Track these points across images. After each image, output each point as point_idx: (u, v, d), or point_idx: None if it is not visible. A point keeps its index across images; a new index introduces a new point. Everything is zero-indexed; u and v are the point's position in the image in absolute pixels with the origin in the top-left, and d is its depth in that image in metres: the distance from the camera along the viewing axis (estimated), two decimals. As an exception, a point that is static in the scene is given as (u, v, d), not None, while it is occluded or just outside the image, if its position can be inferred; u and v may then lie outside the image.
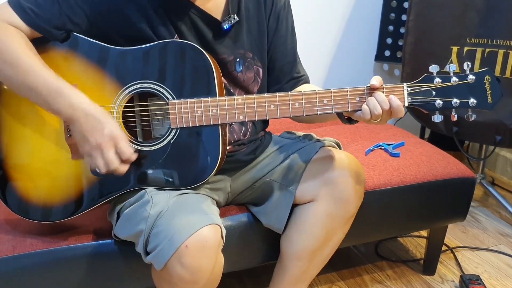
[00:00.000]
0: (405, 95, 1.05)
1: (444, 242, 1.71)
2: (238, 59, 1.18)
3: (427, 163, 1.55)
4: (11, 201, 1.13)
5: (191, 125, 1.07)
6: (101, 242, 1.19)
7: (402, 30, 2.22)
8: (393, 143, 1.66)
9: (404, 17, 2.21)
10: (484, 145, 2.13)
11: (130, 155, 1.03)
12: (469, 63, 1.05)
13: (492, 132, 1.87)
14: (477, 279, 1.61)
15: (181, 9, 1.11)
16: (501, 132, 1.85)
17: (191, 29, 1.12)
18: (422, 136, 2.39)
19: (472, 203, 1.61)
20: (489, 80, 1.04)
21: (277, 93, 1.06)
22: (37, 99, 1.02)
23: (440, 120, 1.06)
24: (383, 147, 1.63)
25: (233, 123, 1.22)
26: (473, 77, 1.04)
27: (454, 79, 1.04)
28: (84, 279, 1.18)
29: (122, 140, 1.02)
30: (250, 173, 1.28)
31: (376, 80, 1.04)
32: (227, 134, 1.16)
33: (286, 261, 1.27)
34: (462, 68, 1.06)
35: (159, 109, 1.09)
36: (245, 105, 1.06)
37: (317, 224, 1.20)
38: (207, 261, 0.99)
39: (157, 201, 1.06)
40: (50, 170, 1.12)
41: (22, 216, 1.13)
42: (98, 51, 1.08)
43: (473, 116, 1.06)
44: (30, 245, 1.15)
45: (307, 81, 1.32)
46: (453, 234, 1.95)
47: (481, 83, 1.04)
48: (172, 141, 1.09)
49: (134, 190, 1.12)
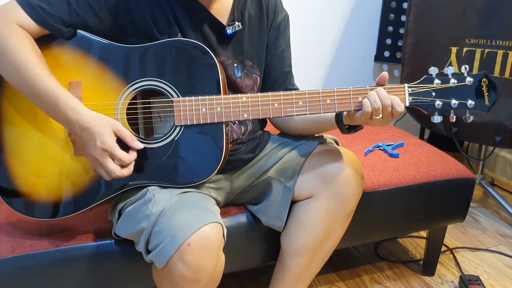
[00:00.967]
0: (406, 95, 1.07)
1: (444, 242, 1.72)
2: (236, 64, 1.19)
3: (427, 163, 1.55)
4: (12, 198, 1.12)
5: (195, 123, 1.07)
6: (100, 242, 1.19)
7: (402, 31, 2.23)
8: (393, 143, 1.66)
9: (403, 17, 2.21)
10: (484, 146, 2.13)
11: (128, 160, 1.04)
12: (467, 66, 1.08)
13: (491, 132, 1.87)
14: (476, 279, 1.61)
15: (188, 10, 1.11)
16: (501, 133, 1.85)
17: (195, 30, 1.13)
18: (421, 137, 2.39)
19: (471, 204, 1.61)
20: (486, 83, 1.07)
21: (281, 92, 1.07)
22: (40, 106, 1.05)
23: (440, 120, 1.08)
24: (382, 148, 1.64)
25: (234, 123, 1.22)
26: (471, 79, 1.06)
27: (453, 80, 1.07)
28: (84, 280, 1.18)
29: (115, 150, 1.02)
30: (249, 172, 1.29)
31: (383, 76, 1.06)
32: (229, 133, 1.16)
33: (286, 259, 1.27)
34: (460, 71, 1.08)
35: (162, 106, 1.09)
36: (249, 103, 1.07)
37: (317, 220, 1.20)
38: (209, 259, 1.00)
39: (159, 199, 1.06)
40: (54, 167, 1.12)
41: (23, 214, 1.13)
42: (104, 49, 1.09)
43: (471, 117, 1.08)
44: (29, 246, 1.15)
45: None
46: (453, 234, 1.96)
47: (479, 85, 1.07)
48: (176, 138, 1.09)
49: (136, 188, 1.12)
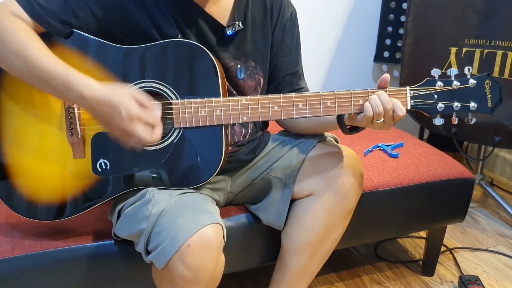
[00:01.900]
0: (408, 98, 1.06)
1: (443, 243, 1.72)
2: (239, 65, 1.18)
3: (426, 164, 1.55)
4: (11, 200, 1.12)
5: (194, 125, 1.07)
6: (100, 243, 1.18)
7: (401, 31, 2.23)
8: (392, 144, 1.66)
9: (403, 18, 2.21)
10: (483, 146, 2.14)
11: (156, 120, 1.00)
12: (470, 68, 1.06)
13: (491, 133, 1.87)
14: (476, 279, 1.61)
15: (187, 11, 1.11)
16: (500, 133, 1.85)
17: (195, 31, 1.12)
18: (421, 137, 2.39)
19: (471, 204, 1.61)
20: (490, 85, 1.05)
21: (281, 95, 1.06)
22: (50, 90, 1.01)
23: (441, 123, 1.07)
24: (381, 148, 1.64)
25: (235, 125, 1.22)
26: (474, 81, 1.05)
27: (456, 83, 1.05)
28: (83, 280, 1.18)
29: (142, 114, 0.97)
30: (249, 172, 1.29)
31: (385, 79, 1.05)
32: (229, 136, 1.16)
33: (286, 257, 1.27)
34: (463, 72, 1.07)
35: (162, 108, 1.09)
36: (249, 105, 1.06)
37: (317, 218, 1.20)
38: (209, 260, 0.99)
39: (159, 200, 1.06)
40: (52, 169, 1.11)
41: (22, 215, 1.13)
42: (102, 49, 1.08)
43: (473, 120, 1.07)
44: (28, 246, 1.15)
45: None
46: (452, 235, 1.96)
47: (482, 87, 1.05)
48: (175, 140, 1.09)
49: (135, 189, 1.12)
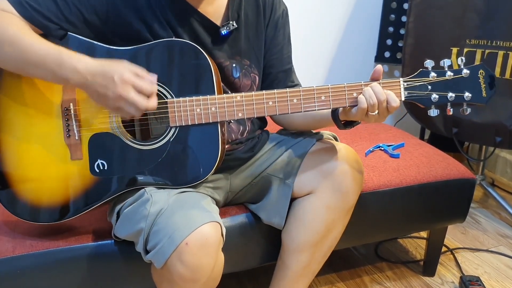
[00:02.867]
0: (402, 89, 1.06)
1: (444, 243, 1.72)
2: (234, 64, 1.19)
3: (427, 164, 1.55)
4: (9, 202, 1.12)
5: (190, 123, 1.07)
6: (100, 242, 1.19)
7: (402, 31, 2.23)
8: (393, 144, 1.66)
9: (404, 18, 2.21)
10: (484, 146, 2.13)
11: (151, 88, 1.01)
12: (463, 58, 1.06)
13: (492, 133, 1.87)
14: (477, 280, 1.61)
15: (181, 12, 1.11)
16: (501, 133, 1.85)
17: (189, 32, 1.12)
18: (422, 137, 2.39)
19: (472, 204, 1.61)
20: (483, 74, 1.05)
21: (275, 90, 1.07)
22: (44, 74, 1.01)
23: (436, 114, 1.07)
24: (382, 148, 1.64)
25: (232, 122, 1.22)
26: (468, 71, 1.05)
27: (449, 73, 1.06)
28: (84, 280, 1.18)
29: (136, 80, 0.99)
30: (248, 170, 1.29)
31: (378, 70, 1.06)
32: (225, 133, 1.16)
33: (287, 256, 1.27)
34: (457, 64, 1.07)
35: (158, 107, 1.09)
36: (243, 102, 1.07)
37: (317, 216, 1.20)
38: (207, 259, 0.99)
39: (156, 199, 1.06)
40: (49, 171, 1.12)
41: (20, 218, 1.13)
42: (95, 51, 1.08)
43: (468, 110, 1.07)
44: (29, 246, 1.15)
45: None
46: (453, 235, 1.95)
47: (475, 77, 1.05)
48: (171, 139, 1.09)
49: (133, 189, 1.12)
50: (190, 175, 1.10)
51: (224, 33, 1.15)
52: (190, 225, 0.98)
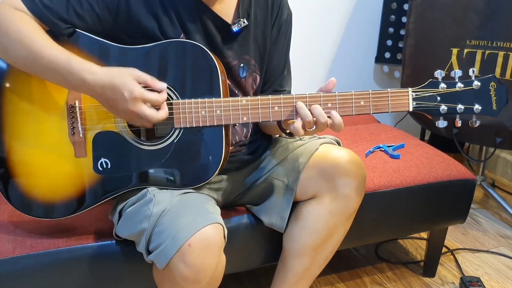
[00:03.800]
0: (410, 100, 1.05)
1: (444, 244, 1.72)
2: (242, 64, 1.18)
3: (427, 165, 1.55)
4: (13, 197, 1.13)
5: (194, 125, 1.07)
6: (101, 243, 1.19)
7: (402, 32, 2.23)
8: (393, 144, 1.66)
9: (404, 19, 2.21)
10: (484, 147, 2.13)
11: (162, 99, 1.01)
12: (474, 69, 1.04)
13: (492, 134, 1.87)
14: (477, 281, 1.61)
15: (193, 9, 1.11)
16: (502, 134, 1.85)
17: (200, 30, 1.12)
18: (422, 138, 2.39)
19: (472, 205, 1.61)
20: (495, 87, 1.03)
21: (281, 95, 1.06)
22: (53, 78, 1.02)
23: (444, 125, 1.06)
24: (383, 149, 1.63)
25: (237, 125, 1.22)
26: (479, 83, 1.03)
27: (460, 85, 1.04)
28: (84, 280, 1.18)
29: (145, 94, 0.99)
30: (251, 173, 1.29)
31: (330, 84, 1.05)
32: (230, 136, 1.16)
33: (288, 259, 1.27)
34: (467, 74, 1.05)
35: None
36: (249, 106, 1.06)
37: (319, 221, 1.20)
38: (210, 260, 0.99)
39: (160, 199, 1.06)
40: (54, 167, 1.12)
41: (24, 213, 1.13)
42: (102, 49, 1.08)
43: (477, 122, 1.05)
44: (30, 246, 1.15)
45: None
46: (453, 236, 1.95)
47: (487, 89, 1.04)
48: (175, 141, 1.09)
49: (136, 189, 1.12)
50: (193, 176, 1.10)
51: (235, 30, 1.14)
52: (193, 227, 0.98)
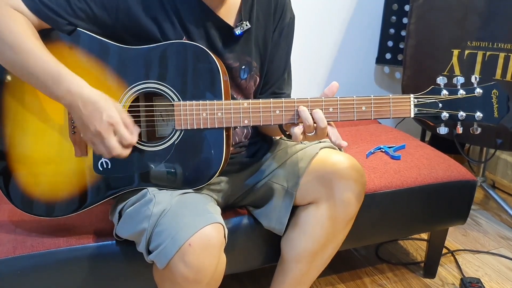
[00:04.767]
0: (412, 106, 1.05)
1: (445, 245, 1.71)
2: (243, 66, 1.18)
3: (428, 166, 1.55)
4: (14, 196, 1.13)
5: (195, 127, 1.07)
6: (102, 243, 1.19)
7: (403, 33, 2.23)
8: (394, 145, 1.66)
9: (405, 20, 2.21)
10: (485, 148, 2.13)
11: (131, 140, 1.03)
12: (477, 77, 1.04)
13: (492, 135, 1.87)
14: (477, 282, 1.61)
15: (195, 12, 1.10)
16: (502, 136, 1.85)
17: (201, 32, 1.12)
18: (423, 139, 2.39)
19: (472, 206, 1.61)
20: (497, 95, 1.03)
21: (283, 99, 1.05)
22: (38, 85, 1.02)
23: (445, 132, 1.05)
24: (383, 150, 1.64)
25: (236, 127, 1.22)
26: (480, 91, 1.03)
27: (461, 92, 1.03)
28: (85, 280, 1.18)
29: (121, 126, 1.01)
30: (251, 176, 1.28)
31: (333, 87, 1.04)
32: (231, 138, 1.16)
33: (286, 263, 1.27)
34: (470, 81, 1.05)
35: (164, 109, 1.09)
36: (250, 109, 1.06)
37: (318, 226, 1.20)
38: (210, 260, 0.99)
39: (160, 200, 1.06)
40: (54, 166, 1.12)
41: (24, 212, 1.14)
42: (104, 49, 1.08)
43: (479, 129, 1.05)
44: (30, 246, 1.15)
45: None
46: (454, 237, 1.95)
47: (488, 97, 1.03)
48: (176, 142, 1.09)
49: (136, 189, 1.12)
50: (193, 178, 1.10)
51: (238, 33, 1.14)
52: (193, 226, 0.98)
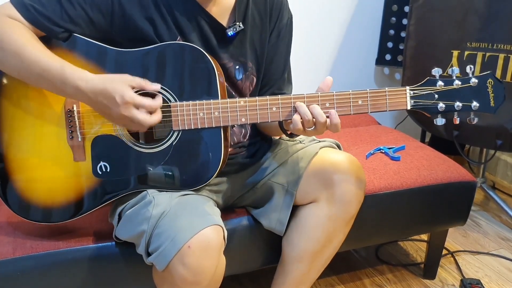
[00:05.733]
0: (408, 98, 1.05)
1: (445, 246, 1.71)
2: (237, 66, 1.18)
3: (428, 167, 1.55)
4: (12, 201, 1.13)
5: (193, 127, 1.07)
6: (101, 244, 1.19)
7: (403, 34, 2.23)
8: (394, 146, 1.66)
9: (405, 21, 2.21)
10: (485, 149, 2.13)
11: (155, 105, 1.01)
12: (471, 66, 1.04)
13: (492, 136, 1.87)
14: (477, 283, 1.61)
15: (189, 11, 1.11)
16: (502, 137, 1.85)
17: (196, 32, 1.12)
18: (422, 140, 2.39)
19: (472, 207, 1.61)
20: (492, 84, 1.04)
21: (279, 96, 1.06)
22: (48, 88, 1.03)
23: (443, 123, 1.06)
24: (383, 151, 1.63)
25: (234, 126, 1.22)
26: (476, 81, 1.04)
27: (457, 82, 1.04)
28: (84, 282, 1.18)
29: (137, 98, 0.99)
30: (251, 176, 1.29)
31: (327, 81, 1.05)
32: (229, 138, 1.16)
33: (287, 263, 1.27)
34: (465, 72, 1.06)
35: (162, 111, 1.09)
36: (247, 107, 1.06)
37: (318, 225, 1.20)
38: (209, 262, 0.99)
39: (159, 201, 1.06)
40: (52, 172, 1.12)
41: (22, 217, 1.14)
42: (100, 53, 1.08)
43: (475, 119, 1.06)
44: (30, 247, 1.15)
45: None
46: (454, 238, 1.95)
47: (484, 86, 1.04)
48: (174, 143, 1.09)
49: (135, 191, 1.12)
50: (192, 178, 1.10)
51: (230, 34, 1.14)
52: (193, 228, 0.98)
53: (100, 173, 1.11)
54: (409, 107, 1.05)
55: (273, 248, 1.31)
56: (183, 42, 1.09)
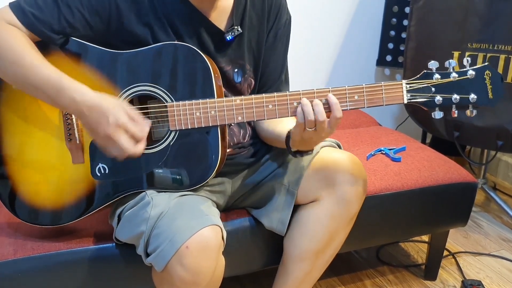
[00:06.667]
0: (404, 92, 1.04)
1: (446, 247, 1.71)
2: (236, 69, 1.18)
3: (429, 168, 1.55)
4: (16, 208, 1.13)
5: (190, 127, 1.07)
6: (102, 245, 1.19)
7: (404, 35, 2.23)
8: (394, 147, 1.66)
9: (405, 22, 2.21)
10: (486, 150, 2.13)
11: (143, 134, 1.01)
12: (469, 59, 1.03)
13: (493, 137, 1.87)
14: (478, 284, 1.60)
15: (185, 17, 1.11)
16: (503, 137, 1.84)
17: (193, 37, 1.12)
18: (423, 141, 2.39)
19: (473, 208, 1.61)
20: (490, 75, 1.02)
21: (275, 93, 1.06)
22: (43, 97, 1.02)
23: (441, 116, 1.04)
24: (384, 152, 1.63)
25: (232, 125, 1.22)
26: (473, 73, 1.02)
27: (454, 75, 1.03)
28: (84, 283, 1.18)
29: (128, 124, 0.99)
30: (251, 176, 1.29)
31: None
32: (227, 137, 1.16)
33: (289, 263, 1.27)
34: (462, 64, 1.04)
35: (158, 111, 1.09)
36: (243, 105, 1.06)
37: (320, 225, 1.20)
38: (208, 262, 0.99)
39: (157, 202, 1.06)
40: (51, 175, 1.12)
41: (29, 223, 1.14)
42: (96, 55, 1.08)
43: (474, 111, 1.04)
44: (31, 248, 1.15)
45: None
46: (455, 239, 1.95)
47: (481, 78, 1.02)
48: (171, 143, 1.09)
49: (134, 192, 1.12)
50: (191, 178, 1.10)
51: (229, 39, 1.14)
52: (191, 229, 0.98)
53: (99, 174, 1.11)
54: (405, 101, 1.04)
55: (274, 248, 1.31)
56: (178, 42, 1.09)
